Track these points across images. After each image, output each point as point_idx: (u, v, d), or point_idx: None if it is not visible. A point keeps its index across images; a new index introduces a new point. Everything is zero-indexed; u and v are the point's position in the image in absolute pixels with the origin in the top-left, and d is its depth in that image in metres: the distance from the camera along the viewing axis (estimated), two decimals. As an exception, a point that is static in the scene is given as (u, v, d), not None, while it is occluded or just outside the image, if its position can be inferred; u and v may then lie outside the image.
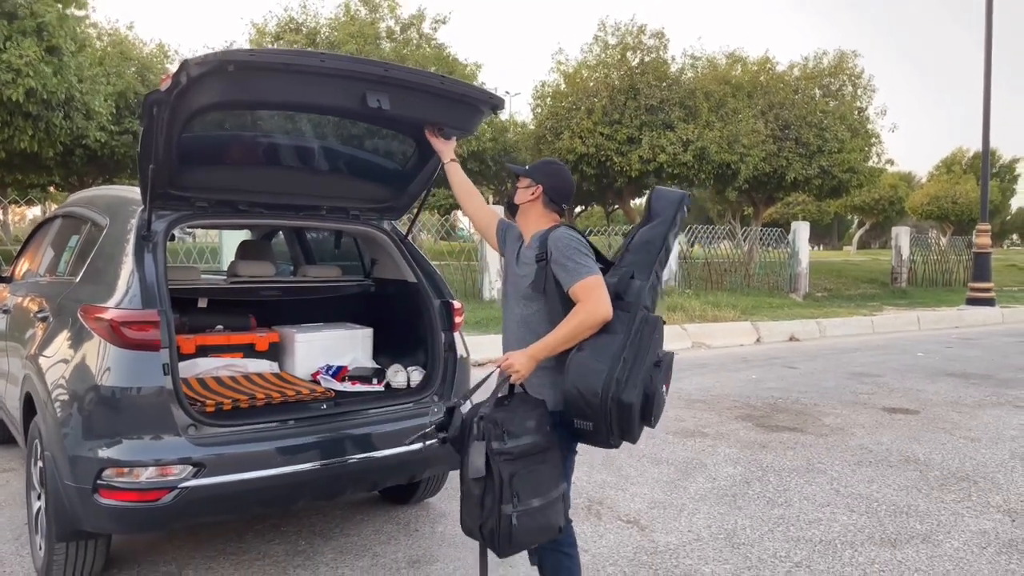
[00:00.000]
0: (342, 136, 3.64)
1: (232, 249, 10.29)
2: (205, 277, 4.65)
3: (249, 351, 4.05)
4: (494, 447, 2.33)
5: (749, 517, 4.10)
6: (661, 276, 2.59)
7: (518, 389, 2.55)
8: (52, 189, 27.75)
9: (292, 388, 3.66)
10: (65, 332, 3.18)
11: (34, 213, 46.06)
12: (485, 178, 21.87)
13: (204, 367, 3.84)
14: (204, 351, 3.92)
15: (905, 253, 20.12)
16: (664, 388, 2.52)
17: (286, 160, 3.59)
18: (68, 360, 3.06)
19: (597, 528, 3.92)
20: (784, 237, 17.59)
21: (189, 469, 2.86)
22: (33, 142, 13.12)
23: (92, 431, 2.89)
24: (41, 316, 3.51)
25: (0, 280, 4.85)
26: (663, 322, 2.57)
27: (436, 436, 2.47)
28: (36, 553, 3.32)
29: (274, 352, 4.14)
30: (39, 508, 3.27)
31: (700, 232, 17.33)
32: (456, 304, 3.89)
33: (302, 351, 4.09)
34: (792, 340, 11.64)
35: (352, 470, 3.28)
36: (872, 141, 20.31)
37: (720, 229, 18.44)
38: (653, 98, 17.27)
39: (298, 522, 3.94)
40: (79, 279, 3.43)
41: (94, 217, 3.70)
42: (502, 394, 2.49)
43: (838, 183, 19.72)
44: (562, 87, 19.07)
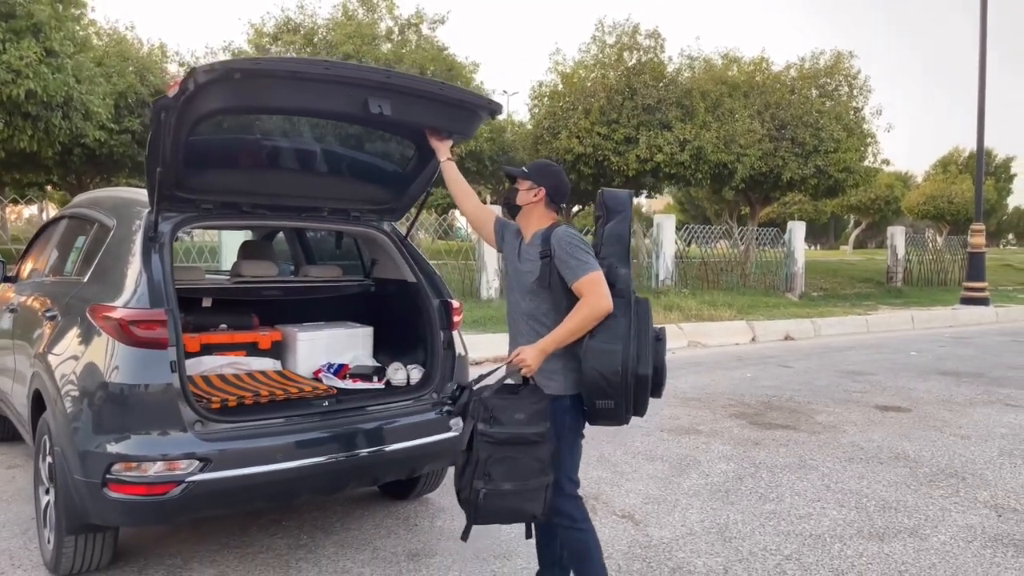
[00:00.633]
0: (344, 140, 3.73)
1: (231, 249, 10.39)
2: (207, 277, 4.72)
3: (252, 349, 4.13)
4: (479, 428, 2.55)
5: (741, 512, 4.19)
6: (630, 264, 2.84)
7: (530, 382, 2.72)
8: (49, 188, 27.79)
9: (294, 385, 3.74)
10: (74, 331, 3.26)
11: (31, 212, 46.01)
12: (483, 177, 21.93)
13: (208, 365, 3.92)
14: (208, 349, 4.00)
15: (901, 253, 20.22)
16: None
17: (289, 163, 3.69)
18: (77, 358, 3.14)
19: (592, 523, 3.99)
20: (780, 237, 17.69)
21: (196, 464, 2.95)
22: (32, 142, 13.18)
23: (101, 427, 2.97)
24: (49, 315, 3.59)
25: (5, 280, 4.92)
26: (649, 302, 2.81)
27: (446, 405, 2.68)
28: (44, 546, 3.39)
29: (276, 350, 4.22)
30: (47, 502, 3.34)
31: (697, 232, 17.42)
32: (455, 303, 3.98)
33: (304, 349, 4.17)
34: (787, 339, 11.74)
35: (353, 465, 3.36)
36: (868, 141, 20.39)
37: (717, 229, 18.54)
38: (650, 98, 17.34)
39: (300, 517, 4.03)
40: (87, 279, 3.51)
41: (100, 218, 3.77)
42: (513, 384, 2.70)
43: (834, 183, 19.82)
44: (559, 87, 19.14)
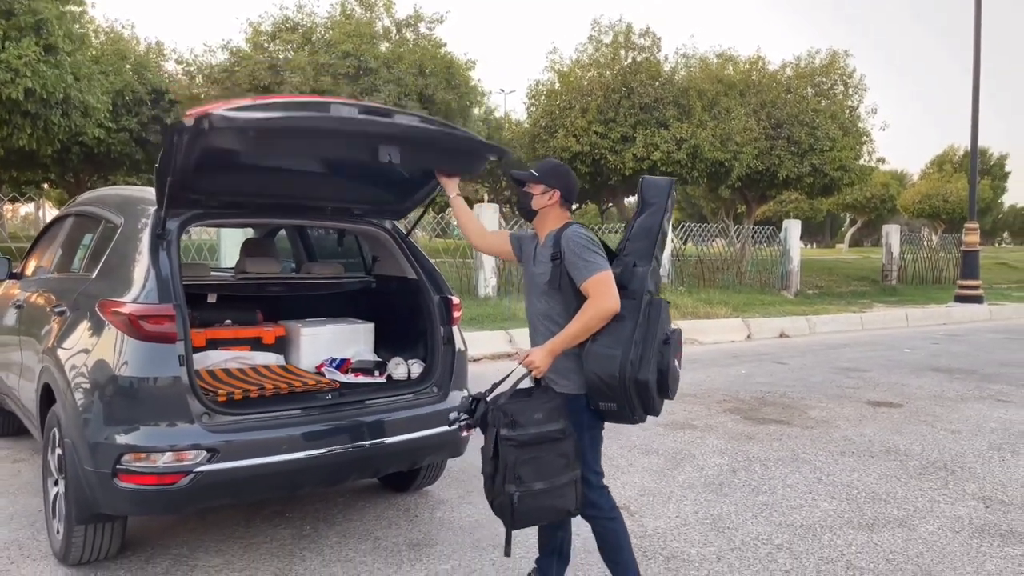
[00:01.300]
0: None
1: (230, 246, 10.46)
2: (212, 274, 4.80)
3: (256, 344, 4.23)
4: (502, 433, 2.59)
5: (734, 503, 4.28)
6: (660, 259, 2.82)
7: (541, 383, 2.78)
8: (47, 186, 27.80)
9: (298, 379, 3.82)
10: (83, 326, 3.34)
11: (27, 210, 45.93)
12: (481, 176, 22.02)
13: (214, 359, 4.01)
14: (214, 344, 4.09)
15: (896, 251, 20.36)
16: (676, 362, 2.78)
17: (297, 167, 3.74)
18: (87, 352, 3.21)
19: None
20: (776, 235, 17.81)
21: (204, 454, 3.03)
22: (31, 140, 13.23)
23: (112, 419, 3.05)
24: (58, 311, 3.66)
25: (11, 277, 4.98)
26: (668, 303, 2.81)
27: (461, 420, 2.72)
28: (53, 537, 3.48)
29: (280, 345, 4.31)
30: (56, 493, 3.42)
31: (693, 230, 17.52)
32: (455, 299, 4.06)
33: (307, 344, 4.25)
34: (782, 336, 11.85)
35: (356, 456, 3.45)
36: (863, 139, 20.56)
37: (713, 227, 18.64)
38: (646, 97, 17.41)
39: (303, 508, 4.11)
40: (95, 275, 3.58)
41: (108, 216, 3.84)
42: (524, 387, 2.74)
43: (829, 181, 19.95)
44: (556, 86, 19.21)
